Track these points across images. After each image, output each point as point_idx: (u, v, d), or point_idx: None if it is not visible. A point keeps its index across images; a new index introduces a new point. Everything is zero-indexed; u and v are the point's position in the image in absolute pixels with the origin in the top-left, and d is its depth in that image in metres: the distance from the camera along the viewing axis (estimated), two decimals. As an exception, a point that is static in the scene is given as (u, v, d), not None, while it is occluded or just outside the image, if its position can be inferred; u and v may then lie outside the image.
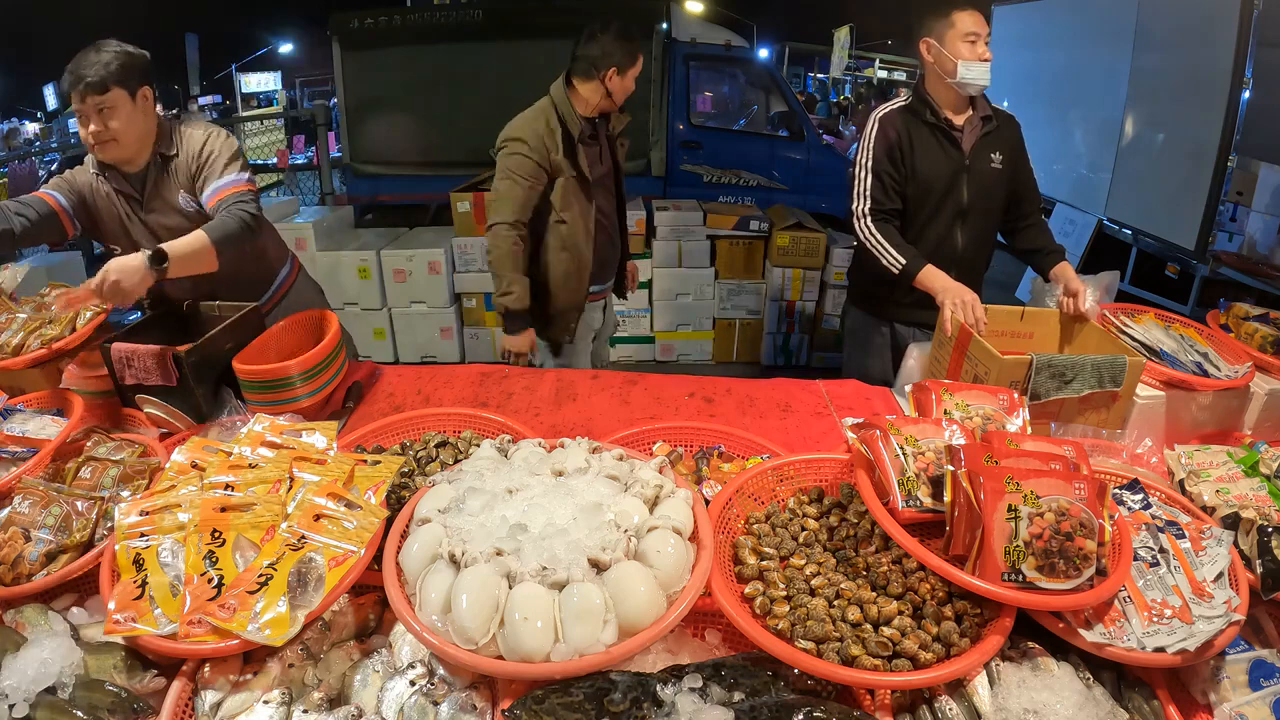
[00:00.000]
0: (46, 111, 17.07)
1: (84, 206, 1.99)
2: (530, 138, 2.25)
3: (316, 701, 0.98)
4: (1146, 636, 1.01)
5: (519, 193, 2.26)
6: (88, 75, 1.77)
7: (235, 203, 1.87)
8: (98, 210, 1.99)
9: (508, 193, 2.27)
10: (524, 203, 2.28)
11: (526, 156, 2.24)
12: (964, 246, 2.17)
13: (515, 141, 2.27)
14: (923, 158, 2.11)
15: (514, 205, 2.27)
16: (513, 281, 2.32)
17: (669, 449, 1.48)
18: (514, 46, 5.06)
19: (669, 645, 1.06)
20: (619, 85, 2.32)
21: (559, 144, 2.27)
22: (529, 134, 2.26)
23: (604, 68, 2.27)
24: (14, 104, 17.15)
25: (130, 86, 1.84)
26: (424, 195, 5.41)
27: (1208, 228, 4.29)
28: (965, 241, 2.17)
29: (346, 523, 1.13)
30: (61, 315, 1.83)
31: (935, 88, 2.12)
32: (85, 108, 1.81)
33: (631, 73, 2.32)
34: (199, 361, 1.62)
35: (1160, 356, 1.79)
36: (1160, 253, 4.79)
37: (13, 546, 1.18)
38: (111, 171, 1.95)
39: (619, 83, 2.31)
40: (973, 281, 2.09)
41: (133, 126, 1.87)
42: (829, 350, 4.64)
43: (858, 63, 17.03)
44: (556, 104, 2.31)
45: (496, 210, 2.29)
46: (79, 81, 1.78)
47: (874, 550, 1.16)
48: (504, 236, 2.28)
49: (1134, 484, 1.28)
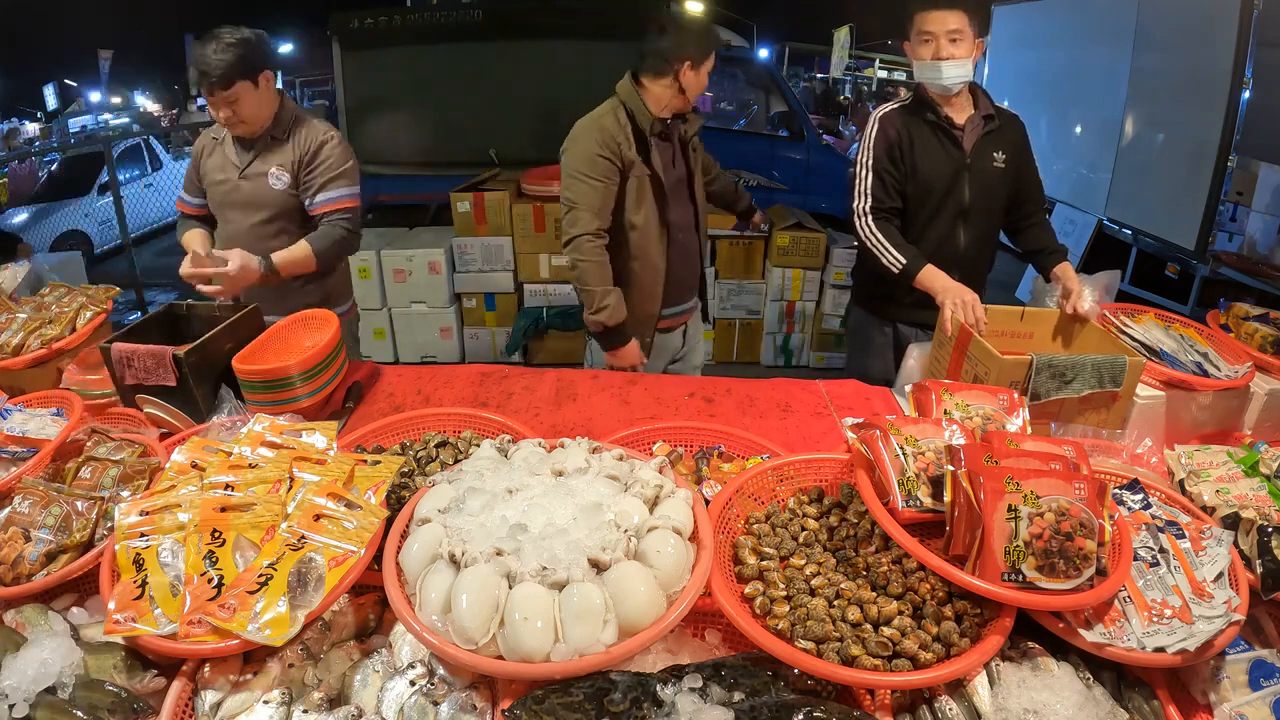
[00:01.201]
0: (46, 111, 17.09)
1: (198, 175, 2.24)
2: (600, 133, 2.12)
3: (316, 701, 0.98)
4: (1146, 636, 1.01)
5: (595, 195, 2.12)
6: (212, 73, 1.93)
7: (341, 217, 2.13)
8: (208, 172, 2.21)
9: (583, 197, 2.12)
10: (601, 206, 2.13)
11: (599, 154, 2.11)
12: (966, 246, 2.16)
13: (584, 139, 2.14)
14: (923, 156, 2.10)
15: (592, 210, 2.12)
16: (606, 294, 2.16)
17: (669, 449, 1.48)
18: (514, 46, 5.05)
19: (669, 645, 1.06)
20: (693, 80, 2.17)
21: (630, 139, 2.14)
22: (598, 130, 2.13)
23: (678, 61, 2.13)
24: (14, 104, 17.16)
25: (252, 75, 2.00)
26: (424, 195, 5.40)
27: (1208, 228, 4.28)
28: (967, 241, 2.16)
29: (346, 523, 1.13)
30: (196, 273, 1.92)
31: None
32: (215, 100, 1.99)
33: (705, 67, 2.18)
34: (199, 361, 1.62)
35: (1160, 356, 1.79)
36: (1160, 253, 4.79)
37: (13, 546, 1.18)
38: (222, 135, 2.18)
39: (693, 77, 2.17)
40: (975, 281, 2.08)
41: (260, 109, 2.07)
42: (829, 350, 4.65)
43: (858, 62, 17.03)
44: (624, 100, 2.18)
45: (575, 221, 2.13)
46: (205, 78, 1.95)
47: (874, 550, 1.16)
48: (590, 248, 2.12)
49: (1134, 484, 1.28)
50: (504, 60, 5.07)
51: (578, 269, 2.15)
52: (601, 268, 2.15)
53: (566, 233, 2.16)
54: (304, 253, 2.04)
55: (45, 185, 8.37)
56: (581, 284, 2.17)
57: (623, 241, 2.22)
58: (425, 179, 5.29)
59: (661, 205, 2.24)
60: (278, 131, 2.13)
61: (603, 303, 2.16)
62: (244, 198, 2.16)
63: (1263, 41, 3.92)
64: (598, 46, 4.74)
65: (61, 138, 13.48)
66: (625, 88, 2.20)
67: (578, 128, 2.19)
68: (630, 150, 2.14)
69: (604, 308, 2.16)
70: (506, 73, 5.01)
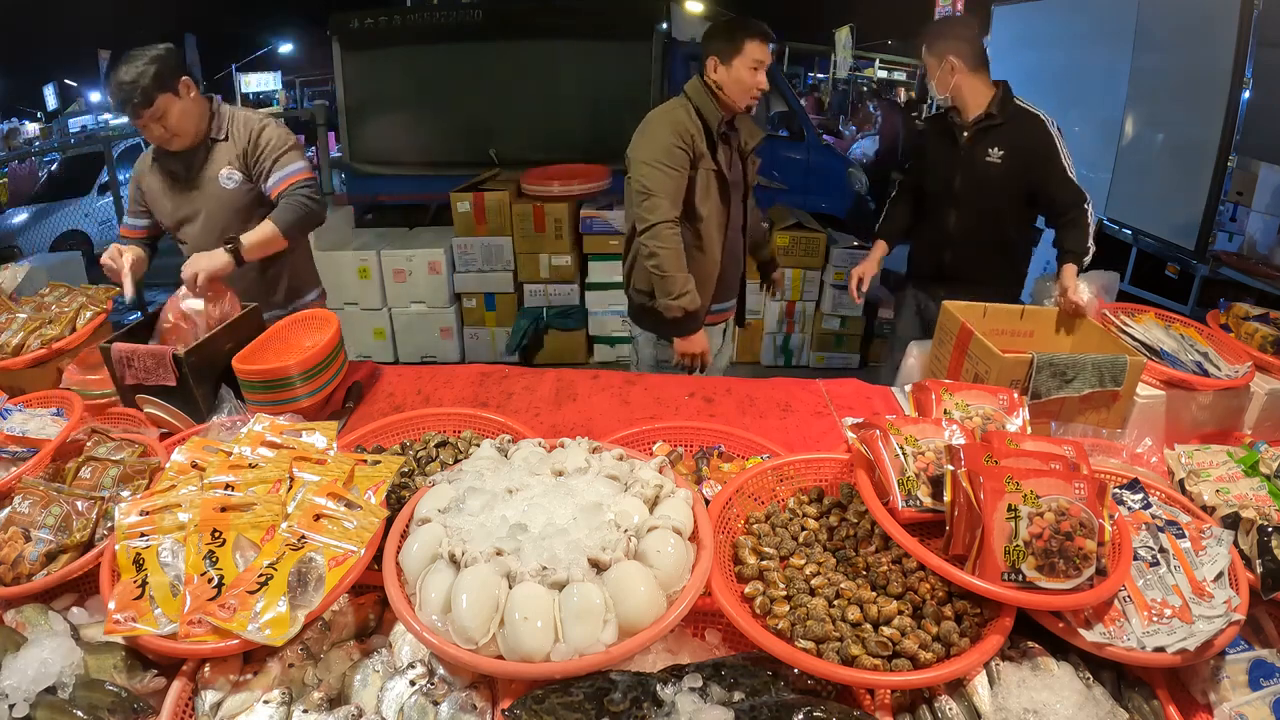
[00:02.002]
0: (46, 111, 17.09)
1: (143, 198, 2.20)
2: (675, 124, 2.14)
3: (316, 701, 0.98)
4: (1146, 636, 1.01)
5: (670, 183, 2.13)
6: (133, 96, 1.91)
7: (300, 188, 2.09)
8: (150, 192, 2.18)
9: (659, 185, 2.12)
10: (676, 193, 2.15)
11: (675, 144, 2.12)
12: (953, 231, 2.41)
13: (659, 129, 2.15)
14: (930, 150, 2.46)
15: (669, 198, 2.13)
16: (685, 280, 2.17)
17: (669, 449, 1.48)
18: (514, 46, 5.05)
19: (669, 645, 1.06)
20: (726, 77, 2.16)
21: (701, 133, 2.16)
22: (671, 121, 2.15)
23: (706, 57, 2.16)
24: (14, 104, 17.17)
25: (172, 86, 1.97)
26: (424, 195, 5.40)
27: (1208, 228, 4.28)
28: (955, 227, 2.40)
29: (346, 523, 1.13)
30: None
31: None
32: (142, 121, 1.98)
33: (739, 61, 2.14)
34: (199, 361, 1.62)
35: (1160, 356, 1.79)
36: (1160, 253, 4.79)
37: (13, 546, 1.18)
38: (160, 154, 2.14)
39: (725, 73, 2.15)
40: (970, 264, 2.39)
41: (189, 118, 2.04)
42: (829, 350, 4.64)
43: (858, 62, 17.03)
44: (692, 97, 2.20)
45: (652, 209, 2.13)
46: (126, 103, 1.93)
47: (874, 550, 1.16)
48: (669, 235, 2.13)
49: (1134, 484, 1.28)
50: (504, 60, 5.07)
51: (657, 256, 2.16)
52: (680, 254, 2.17)
53: (645, 220, 2.16)
54: (269, 230, 2.01)
55: (45, 185, 8.37)
56: (661, 270, 2.17)
57: (689, 232, 2.24)
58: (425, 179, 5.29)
59: (725, 202, 2.28)
60: (216, 133, 2.11)
61: (685, 288, 2.17)
62: (200, 207, 2.14)
63: (1263, 41, 3.92)
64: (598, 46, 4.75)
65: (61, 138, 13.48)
66: (694, 86, 2.22)
67: (650, 119, 2.22)
68: (701, 143, 2.17)
69: (685, 293, 2.17)
70: (506, 73, 5.02)
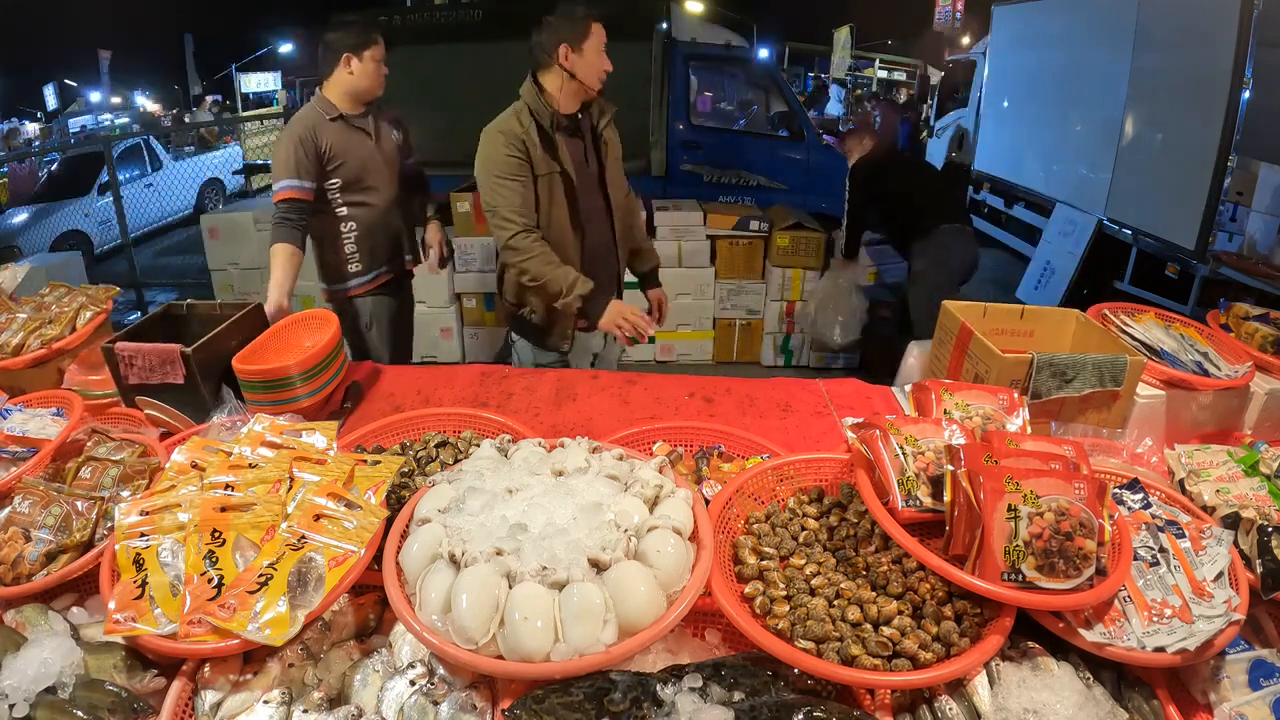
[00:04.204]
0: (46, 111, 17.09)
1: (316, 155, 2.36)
2: (504, 134, 2.10)
3: (316, 701, 0.98)
4: (1146, 636, 1.01)
5: (513, 194, 2.09)
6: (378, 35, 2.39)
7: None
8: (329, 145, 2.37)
9: (503, 200, 2.10)
10: (524, 202, 2.10)
11: (508, 154, 2.08)
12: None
13: (490, 144, 2.12)
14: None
15: (515, 209, 2.09)
16: (565, 273, 2.11)
17: (669, 449, 1.48)
18: (514, 46, 5.03)
19: (669, 645, 1.06)
20: (579, 63, 2.11)
21: (535, 139, 2.11)
22: (501, 131, 2.11)
23: (554, 47, 2.09)
24: (14, 104, 17.17)
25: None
26: None
27: (1208, 228, 4.29)
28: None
29: (346, 523, 1.13)
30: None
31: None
32: (380, 63, 2.41)
33: (589, 45, 2.10)
34: (206, 358, 1.62)
35: (1160, 356, 1.79)
36: (1160, 253, 4.79)
37: (13, 546, 1.18)
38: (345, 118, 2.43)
39: (578, 60, 2.10)
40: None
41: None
42: (829, 350, 4.64)
43: (858, 62, 17.04)
44: (526, 100, 2.15)
45: (502, 225, 2.11)
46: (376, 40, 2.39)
47: (874, 550, 1.16)
48: (527, 243, 2.10)
49: (1134, 483, 1.28)
50: (504, 60, 5.07)
51: (525, 268, 2.12)
52: (545, 255, 2.11)
53: (500, 238, 2.13)
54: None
55: (45, 185, 8.37)
56: (537, 279, 2.12)
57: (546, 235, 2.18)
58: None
59: (573, 205, 2.19)
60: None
61: (567, 280, 2.11)
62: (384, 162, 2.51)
63: (1263, 41, 3.93)
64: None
65: (61, 138, 13.49)
66: (526, 88, 2.18)
67: (484, 133, 2.16)
68: (537, 149, 2.11)
69: (573, 284, 2.11)
70: (507, 73, 5.01)
